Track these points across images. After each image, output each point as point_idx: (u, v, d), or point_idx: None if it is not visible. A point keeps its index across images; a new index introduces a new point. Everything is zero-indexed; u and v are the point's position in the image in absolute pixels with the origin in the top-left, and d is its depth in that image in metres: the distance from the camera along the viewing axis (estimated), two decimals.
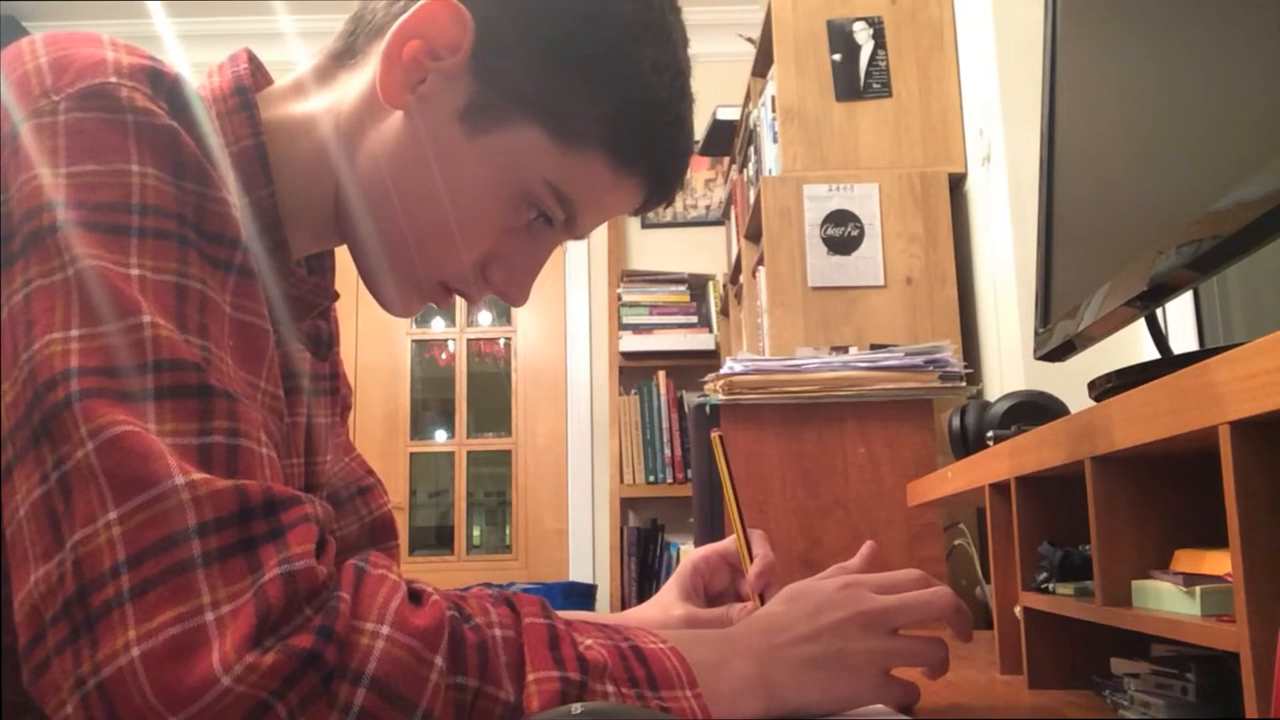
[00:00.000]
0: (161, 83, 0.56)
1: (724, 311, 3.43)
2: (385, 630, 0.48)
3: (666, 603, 0.87)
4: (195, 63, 3.27)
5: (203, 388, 0.50)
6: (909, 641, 0.66)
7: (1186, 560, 0.61)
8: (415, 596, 0.52)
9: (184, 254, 0.53)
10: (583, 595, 3.19)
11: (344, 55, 0.71)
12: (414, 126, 0.67)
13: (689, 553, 0.90)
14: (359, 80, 0.69)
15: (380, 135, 0.68)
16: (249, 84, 0.67)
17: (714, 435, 0.88)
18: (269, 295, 0.61)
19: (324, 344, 0.77)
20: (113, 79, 0.55)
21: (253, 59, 0.70)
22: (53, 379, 0.48)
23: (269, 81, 0.73)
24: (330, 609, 0.47)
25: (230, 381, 0.53)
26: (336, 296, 0.76)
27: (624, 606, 3.20)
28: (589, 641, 0.55)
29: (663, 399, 3.38)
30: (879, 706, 0.64)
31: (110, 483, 0.46)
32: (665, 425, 3.37)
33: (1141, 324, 0.80)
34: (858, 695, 0.63)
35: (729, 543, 0.89)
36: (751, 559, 0.84)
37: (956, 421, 1.33)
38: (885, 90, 2.23)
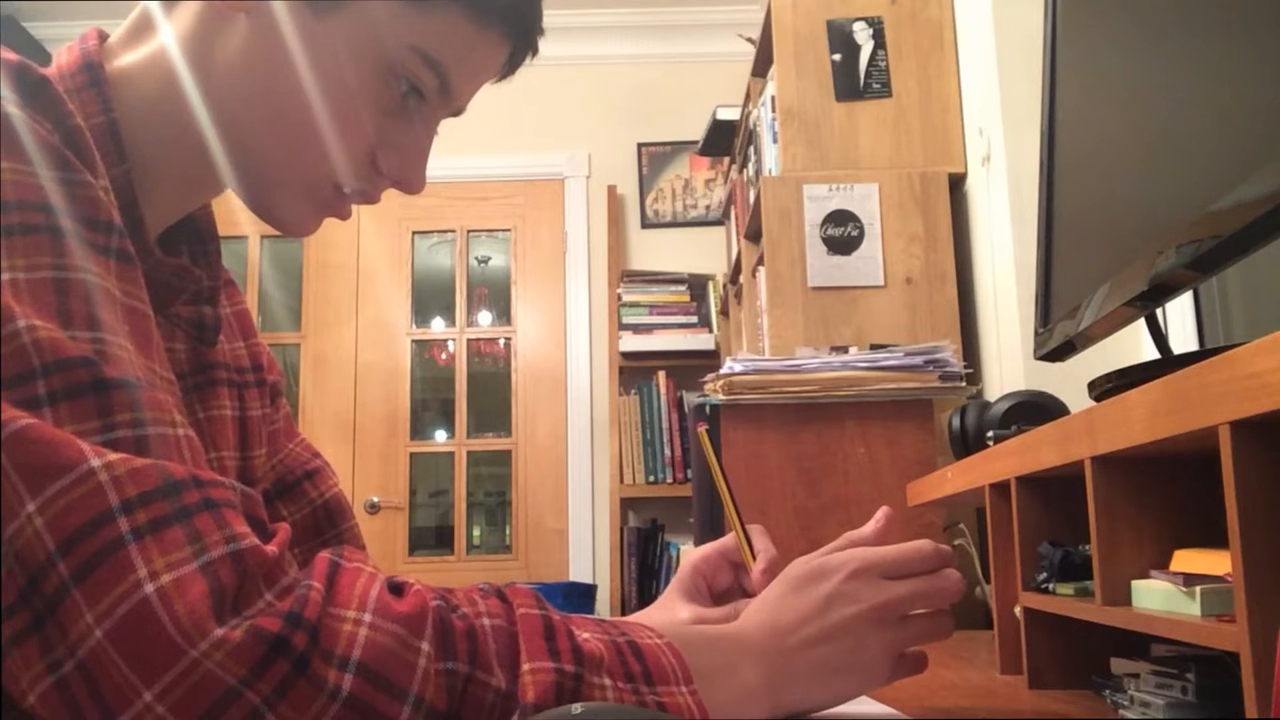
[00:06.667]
0: (10, 71, 0.54)
1: (724, 311, 3.43)
2: (367, 617, 0.48)
3: (671, 606, 0.84)
4: None
5: (97, 382, 0.48)
6: (918, 623, 0.65)
7: (1186, 560, 0.61)
8: (396, 588, 0.51)
9: (58, 244, 0.50)
10: (583, 595, 3.19)
11: None
12: (261, 24, 0.64)
13: (688, 553, 0.89)
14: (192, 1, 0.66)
15: (229, 45, 0.64)
16: (98, 59, 0.64)
17: (700, 430, 0.86)
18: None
19: (209, 329, 0.73)
20: None
21: (104, 38, 0.67)
22: None
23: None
24: (299, 597, 0.47)
25: (130, 368, 0.50)
26: (210, 283, 0.72)
27: (624, 607, 3.19)
28: (585, 635, 0.54)
29: (663, 399, 3.38)
30: (880, 706, 0.64)
31: (22, 475, 0.45)
32: (665, 425, 3.36)
33: (1141, 324, 0.80)
34: (870, 687, 0.64)
35: (728, 540, 0.86)
36: (754, 555, 0.82)
37: (956, 421, 1.33)
38: (885, 90, 2.23)
